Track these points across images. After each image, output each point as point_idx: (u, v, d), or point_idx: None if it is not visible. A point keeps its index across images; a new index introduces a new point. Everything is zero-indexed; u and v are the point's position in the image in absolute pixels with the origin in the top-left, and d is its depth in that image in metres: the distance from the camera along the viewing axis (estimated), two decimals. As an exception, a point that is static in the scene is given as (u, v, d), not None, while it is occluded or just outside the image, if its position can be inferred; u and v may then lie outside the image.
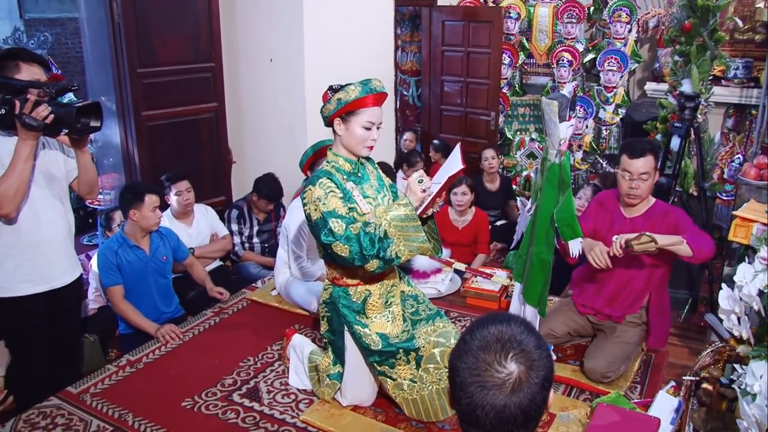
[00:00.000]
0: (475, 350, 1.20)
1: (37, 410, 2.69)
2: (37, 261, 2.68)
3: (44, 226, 2.68)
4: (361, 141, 2.48)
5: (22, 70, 2.56)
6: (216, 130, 4.89)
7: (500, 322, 1.24)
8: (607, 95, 5.91)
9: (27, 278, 2.67)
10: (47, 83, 2.56)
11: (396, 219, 2.30)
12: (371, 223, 2.35)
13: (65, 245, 2.81)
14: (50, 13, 8.46)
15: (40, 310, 2.73)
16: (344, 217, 2.38)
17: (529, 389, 1.18)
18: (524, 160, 6.34)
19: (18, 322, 2.72)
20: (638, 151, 2.91)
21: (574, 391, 2.87)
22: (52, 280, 2.75)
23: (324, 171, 2.49)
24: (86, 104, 2.57)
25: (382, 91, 2.48)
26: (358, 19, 5.31)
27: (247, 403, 2.77)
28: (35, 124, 2.43)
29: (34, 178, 2.62)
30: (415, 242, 2.33)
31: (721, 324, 2.36)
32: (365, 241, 2.31)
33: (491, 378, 1.18)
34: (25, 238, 2.63)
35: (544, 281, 2.82)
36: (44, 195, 2.67)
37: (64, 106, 2.53)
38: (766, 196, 3.52)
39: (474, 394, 1.19)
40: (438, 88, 6.47)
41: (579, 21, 5.92)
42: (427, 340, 2.57)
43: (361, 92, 2.43)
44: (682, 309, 3.88)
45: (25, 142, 2.47)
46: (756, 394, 1.96)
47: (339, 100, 2.44)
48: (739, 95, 5.25)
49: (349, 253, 2.33)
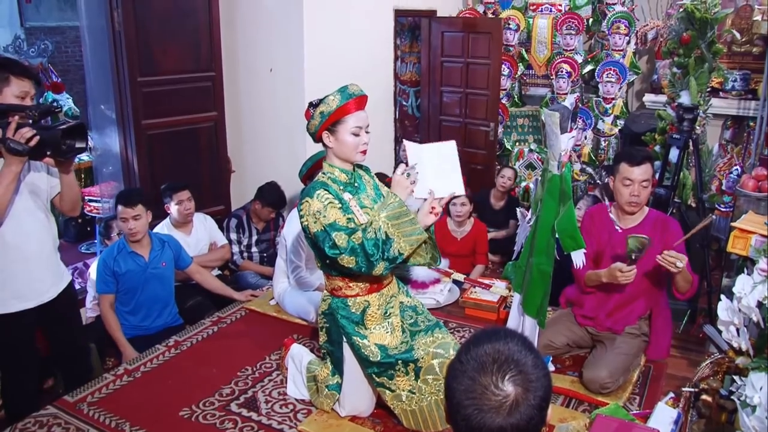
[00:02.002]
0: (471, 371, 1.18)
1: (34, 419, 2.68)
2: (25, 276, 2.66)
3: (31, 240, 2.65)
4: (353, 147, 2.48)
5: (11, 83, 2.51)
6: (215, 140, 4.89)
7: (497, 340, 1.21)
8: (606, 106, 5.92)
9: (16, 294, 2.64)
10: (30, 106, 2.51)
11: (391, 218, 2.33)
12: (369, 227, 2.36)
13: (51, 258, 2.79)
14: (51, 21, 8.47)
15: (29, 324, 2.72)
16: (345, 228, 2.38)
17: (526, 411, 1.15)
18: (523, 171, 6.35)
19: (6, 337, 2.69)
20: (638, 159, 2.94)
21: (573, 402, 2.86)
22: (41, 295, 2.73)
23: (320, 183, 2.49)
24: (71, 125, 2.53)
25: (361, 94, 2.48)
26: (358, 29, 5.33)
27: (245, 413, 2.76)
28: (20, 149, 2.38)
29: (19, 192, 2.58)
30: (413, 235, 2.35)
31: (720, 335, 2.36)
32: (370, 248, 2.32)
33: (488, 401, 1.15)
34: (12, 254, 2.60)
35: (543, 292, 2.82)
36: (29, 208, 2.64)
37: (48, 129, 2.49)
38: (764, 208, 3.53)
39: (470, 416, 1.16)
40: (437, 99, 6.49)
41: (578, 32, 5.94)
42: (425, 351, 2.57)
43: (341, 99, 2.43)
44: (681, 320, 3.88)
45: (9, 168, 2.43)
46: (756, 405, 1.96)
47: (322, 113, 2.45)
48: (737, 107, 5.27)
49: (356, 263, 2.35)
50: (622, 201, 2.99)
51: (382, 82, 5.80)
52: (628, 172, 2.93)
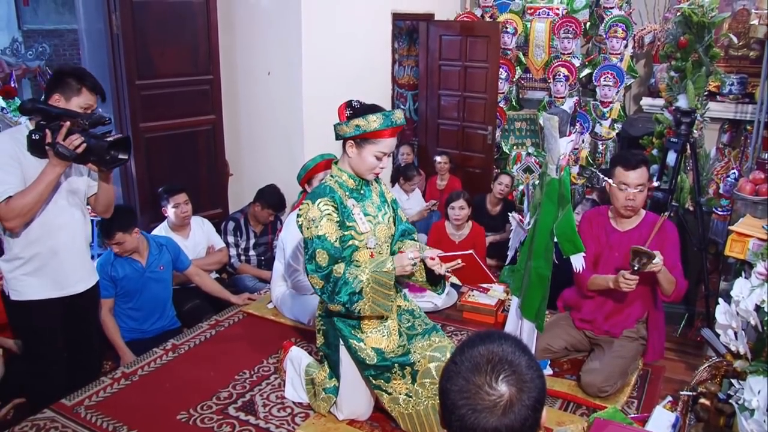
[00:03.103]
0: (465, 372, 1.18)
1: (31, 422, 2.67)
2: (55, 268, 2.71)
3: (63, 233, 2.72)
4: (369, 168, 2.51)
5: (82, 95, 2.62)
6: (213, 143, 4.89)
7: (491, 342, 1.21)
8: (604, 110, 5.93)
9: (43, 284, 2.70)
10: (82, 114, 2.59)
11: (375, 282, 2.40)
12: (353, 269, 2.43)
13: (82, 253, 2.86)
14: (49, 24, 8.47)
15: (57, 313, 2.76)
16: (331, 247, 2.42)
17: (520, 411, 1.15)
18: (521, 175, 6.36)
19: (33, 324, 2.75)
20: (633, 163, 2.94)
21: (571, 406, 2.86)
22: (69, 287, 2.78)
23: (327, 187, 2.50)
24: (118, 138, 2.62)
25: (402, 125, 2.48)
26: (356, 32, 5.33)
27: (243, 416, 2.76)
28: (67, 154, 2.48)
29: (59, 190, 2.66)
30: (380, 307, 2.45)
31: (718, 339, 2.37)
32: (340, 287, 2.40)
33: (482, 401, 1.15)
34: (44, 245, 2.66)
35: (542, 296, 2.82)
36: (65, 204, 2.71)
37: (96, 138, 2.57)
38: (761, 211, 3.53)
39: (465, 416, 1.16)
40: (435, 102, 6.49)
41: (575, 36, 5.95)
42: (422, 355, 2.57)
43: (382, 124, 2.42)
44: (679, 324, 3.88)
45: (53, 168, 2.52)
46: (754, 409, 1.96)
47: (357, 127, 2.43)
48: (734, 111, 5.28)
49: (321, 288, 2.44)
50: (618, 205, 2.99)
51: (380, 86, 5.80)
52: (623, 176, 2.93)
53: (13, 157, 2.53)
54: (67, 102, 2.60)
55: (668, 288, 2.87)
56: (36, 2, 8.29)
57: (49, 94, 2.61)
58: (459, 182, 5.90)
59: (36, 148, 2.53)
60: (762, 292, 2.18)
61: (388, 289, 2.42)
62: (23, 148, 2.55)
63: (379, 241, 2.59)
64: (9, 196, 2.47)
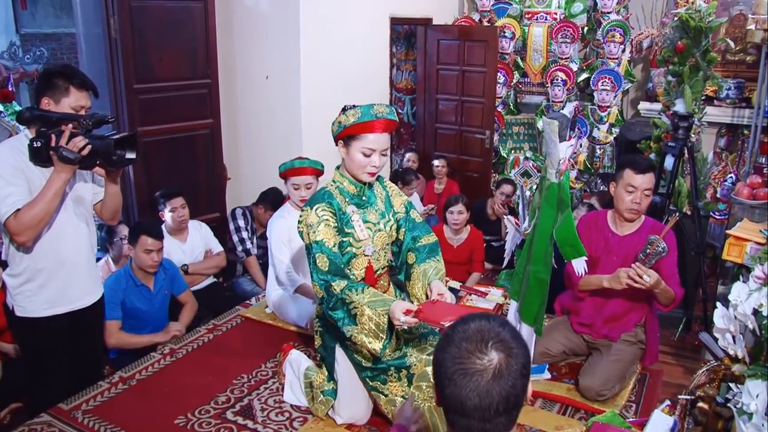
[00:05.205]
0: (458, 341, 1.31)
1: (28, 427, 2.65)
2: (61, 282, 2.65)
3: (69, 247, 2.65)
4: (359, 167, 2.44)
5: (71, 94, 2.51)
6: (211, 147, 4.88)
7: (480, 319, 1.35)
8: (601, 114, 5.94)
9: (49, 299, 2.64)
10: (83, 115, 2.52)
11: (371, 321, 2.29)
12: (354, 291, 2.32)
13: (88, 266, 2.79)
14: (46, 28, 8.47)
15: (61, 329, 2.71)
16: (331, 253, 2.40)
17: (510, 376, 1.28)
18: (519, 179, 6.36)
19: (38, 341, 2.69)
20: (642, 167, 2.95)
21: (570, 410, 2.86)
22: (75, 302, 2.73)
23: (327, 193, 2.49)
24: (124, 136, 2.54)
25: (385, 117, 2.39)
26: (354, 37, 5.34)
27: (241, 420, 2.75)
28: (72, 157, 2.39)
29: (64, 202, 2.59)
30: (368, 343, 2.33)
31: (716, 343, 2.37)
32: (337, 305, 2.35)
33: (473, 365, 1.28)
34: (50, 259, 2.60)
35: (540, 300, 2.82)
36: (71, 218, 2.64)
37: (100, 138, 2.49)
38: (759, 216, 3.54)
39: (457, 381, 1.28)
40: (433, 107, 6.50)
41: (573, 41, 5.97)
42: (419, 358, 2.55)
43: (360, 117, 2.36)
44: (677, 328, 3.88)
45: (59, 175, 2.43)
46: (752, 413, 1.96)
47: (339, 124, 2.42)
48: (732, 115, 5.30)
49: (322, 298, 2.41)
50: (622, 207, 2.99)
51: (378, 90, 5.80)
52: (632, 179, 2.93)
53: (17, 168, 2.44)
54: (57, 104, 2.50)
55: (665, 301, 2.89)
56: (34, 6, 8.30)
57: (39, 99, 2.51)
58: (457, 186, 5.91)
59: (39, 156, 2.44)
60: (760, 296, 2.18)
61: (381, 332, 2.30)
62: (26, 158, 2.47)
63: (376, 248, 2.58)
64: (18, 209, 2.40)
